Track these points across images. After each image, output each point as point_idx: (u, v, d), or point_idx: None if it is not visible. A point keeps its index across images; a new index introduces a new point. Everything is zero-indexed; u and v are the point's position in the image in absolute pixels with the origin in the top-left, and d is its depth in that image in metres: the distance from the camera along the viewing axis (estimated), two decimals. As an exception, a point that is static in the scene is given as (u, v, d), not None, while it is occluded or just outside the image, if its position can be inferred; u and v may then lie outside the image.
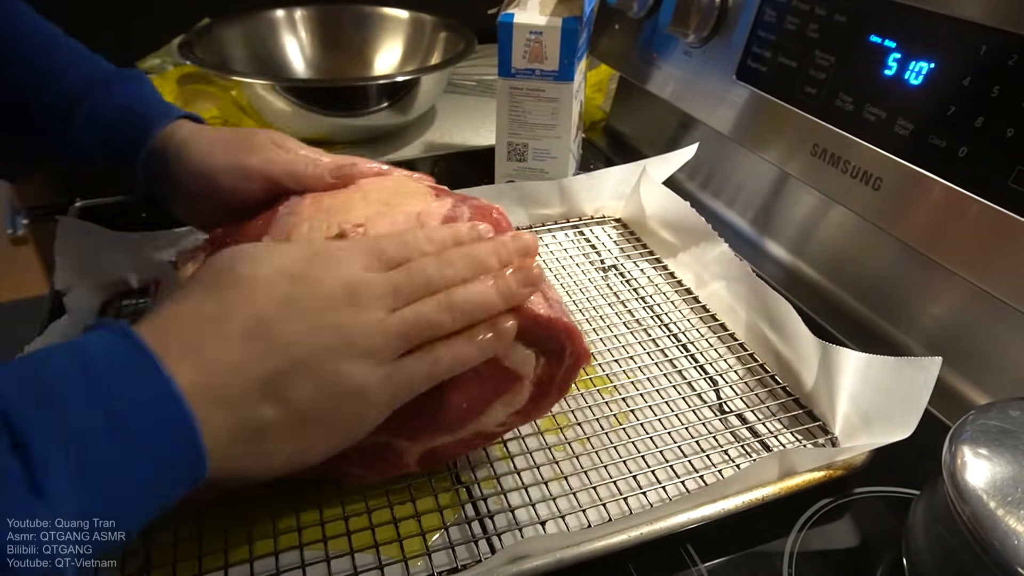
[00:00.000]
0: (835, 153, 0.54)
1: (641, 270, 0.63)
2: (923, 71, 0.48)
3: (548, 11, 0.66)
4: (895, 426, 0.41)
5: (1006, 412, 0.36)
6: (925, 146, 0.47)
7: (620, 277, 0.62)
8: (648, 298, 0.59)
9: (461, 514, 0.41)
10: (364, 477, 0.41)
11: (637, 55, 0.78)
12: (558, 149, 0.71)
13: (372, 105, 0.82)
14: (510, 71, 0.67)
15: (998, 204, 0.43)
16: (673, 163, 0.67)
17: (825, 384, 0.47)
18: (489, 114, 0.74)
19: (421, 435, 0.40)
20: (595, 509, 0.41)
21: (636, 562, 0.39)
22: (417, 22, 0.99)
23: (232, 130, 0.49)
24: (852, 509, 0.43)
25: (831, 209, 0.60)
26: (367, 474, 0.41)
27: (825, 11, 0.55)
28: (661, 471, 0.43)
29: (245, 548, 0.38)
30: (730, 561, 0.40)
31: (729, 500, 0.40)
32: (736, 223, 0.71)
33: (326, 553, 0.38)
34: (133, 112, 0.49)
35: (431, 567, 0.37)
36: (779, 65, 0.59)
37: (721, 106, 0.65)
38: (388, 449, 0.39)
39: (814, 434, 0.46)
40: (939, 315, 0.52)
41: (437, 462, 0.42)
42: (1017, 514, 0.31)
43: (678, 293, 0.60)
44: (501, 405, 0.40)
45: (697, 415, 0.48)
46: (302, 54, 1.00)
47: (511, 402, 0.41)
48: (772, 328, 0.52)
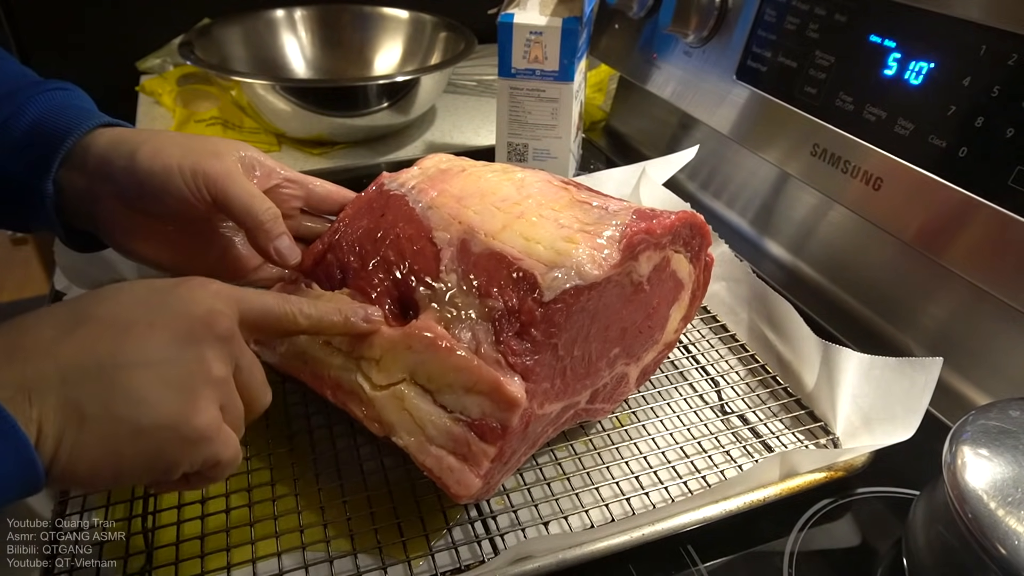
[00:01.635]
0: (835, 153, 0.54)
1: (641, 270, 0.63)
2: (923, 71, 0.48)
3: (548, 11, 0.66)
4: (896, 427, 0.41)
5: (1006, 412, 0.36)
6: (925, 146, 0.47)
7: (621, 277, 0.62)
8: (649, 298, 0.59)
9: (464, 514, 0.41)
10: (604, 412, 0.46)
11: (637, 55, 0.78)
12: (558, 149, 0.71)
13: (372, 105, 0.82)
14: (510, 71, 0.67)
15: (998, 204, 0.43)
16: (673, 165, 0.67)
17: (826, 385, 0.47)
18: (489, 114, 0.74)
19: (642, 355, 0.46)
20: (598, 509, 0.41)
21: (636, 562, 0.39)
22: (417, 22, 0.99)
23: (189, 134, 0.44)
24: (852, 509, 0.43)
25: (831, 209, 0.60)
26: (607, 408, 0.46)
27: (825, 11, 0.55)
28: (664, 471, 0.44)
29: (248, 548, 0.38)
30: (730, 561, 0.40)
31: (731, 501, 0.40)
32: (736, 223, 0.71)
33: (328, 554, 0.38)
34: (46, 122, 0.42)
35: (434, 567, 0.37)
36: (779, 65, 0.59)
37: (721, 106, 0.65)
38: (622, 377, 0.46)
39: (816, 435, 0.46)
40: (939, 315, 0.52)
41: (646, 378, 0.49)
42: (1017, 514, 0.31)
43: (679, 293, 0.60)
44: (675, 312, 0.48)
45: (699, 416, 0.48)
46: (302, 54, 1.00)
47: (680, 307, 0.48)
48: (773, 329, 0.52)
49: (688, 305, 0.49)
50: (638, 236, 0.40)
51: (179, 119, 0.86)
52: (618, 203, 0.43)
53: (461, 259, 0.40)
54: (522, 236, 0.40)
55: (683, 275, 0.46)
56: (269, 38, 0.98)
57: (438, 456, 0.36)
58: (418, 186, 0.46)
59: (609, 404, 0.46)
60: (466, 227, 0.41)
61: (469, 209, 0.43)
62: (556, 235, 0.40)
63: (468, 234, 0.41)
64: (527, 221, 0.41)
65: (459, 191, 0.44)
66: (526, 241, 0.40)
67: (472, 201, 0.43)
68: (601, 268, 0.38)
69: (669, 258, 0.44)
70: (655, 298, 0.44)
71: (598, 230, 0.40)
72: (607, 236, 0.39)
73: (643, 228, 0.40)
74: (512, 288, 0.38)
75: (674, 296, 0.47)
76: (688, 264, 0.46)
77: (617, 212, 0.42)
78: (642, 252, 0.41)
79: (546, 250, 0.39)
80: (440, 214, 0.43)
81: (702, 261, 0.48)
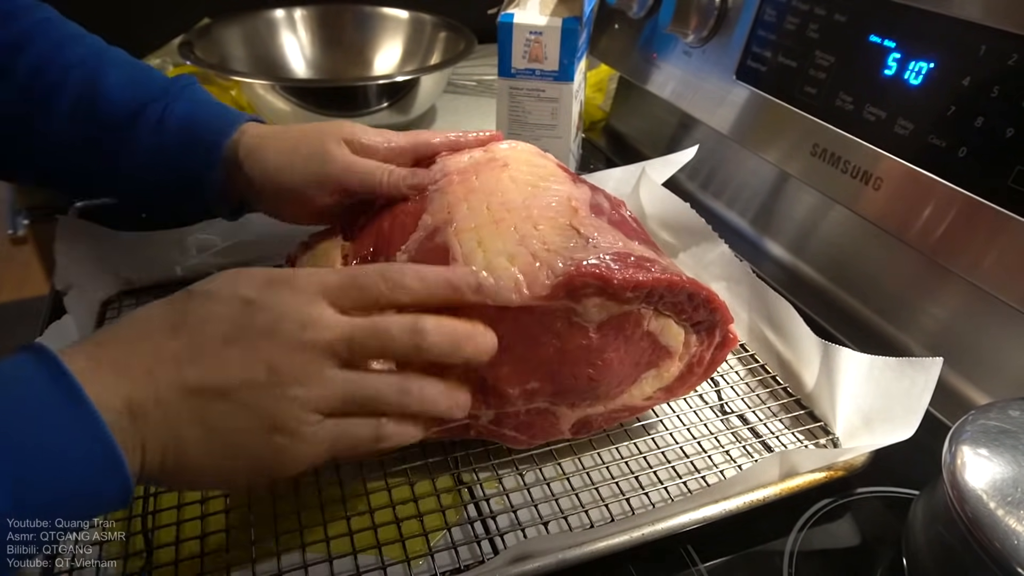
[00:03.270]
0: (835, 153, 0.54)
1: (641, 270, 0.63)
2: (923, 71, 0.48)
3: (548, 11, 0.66)
4: (896, 427, 0.41)
5: (1006, 412, 0.36)
6: (925, 146, 0.47)
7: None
8: (648, 298, 0.59)
9: (464, 514, 0.41)
10: (517, 441, 0.43)
11: (637, 55, 0.78)
12: (558, 149, 0.71)
13: (372, 105, 0.82)
14: (510, 71, 0.67)
15: (998, 204, 0.43)
16: (673, 165, 0.67)
17: (826, 385, 0.47)
18: (489, 114, 0.74)
19: (580, 404, 0.43)
20: (597, 509, 0.41)
21: (636, 562, 0.39)
22: (417, 22, 0.99)
23: (301, 132, 0.48)
24: (852, 509, 0.43)
25: (831, 209, 0.60)
26: (522, 439, 0.43)
27: (825, 11, 0.55)
28: (663, 471, 0.43)
29: (247, 548, 0.38)
30: (730, 561, 0.40)
31: (731, 500, 0.40)
32: (736, 223, 0.71)
33: (328, 553, 0.38)
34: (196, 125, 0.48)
35: (434, 567, 0.37)
36: (779, 65, 0.59)
37: (721, 106, 0.65)
38: (548, 415, 0.43)
39: (815, 435, 0.46)
40: (939, 315, 0.52)
41: (588, 429, 0.44)
42: (1017, 514, 0.31)
43: (678, 293, 0.60)
44: (650, 379, 0.44)
45: (699, 415, 0.48)
46: (302, 54, 1.00)
47: (659, 377, 0.44)
48: (773, 329, 0.52)
49: (675, 379, 0.44)
50: (582, 279, 0.37)
51: (179, 119, 0.86)
52: (616, 240, 0.40)
53: (420, 245, 0.41)
54: (477, 240, 0.40)
55: (670, 343, 0.43)
56: (269, 38, 0.98)
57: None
58: (459, 167, 0.46)
59: (525, 436, 0.43)
60: (448, 219, 0.42)
61: (466, 203, 0.43)
62: (506, 249, 0.39)
63: (444, 224, 0.41)
64: (500, 228, 0.40)
65: (477, 184, 0.44)
66: (476, 245, 0.39)
67: (476, 197, 0.43)
68: (519, 294, 0.37)
69: (641, 317, 0.41)
70: (608, 351, 0.40)
71: (553, 258, 0.38)
72: (556, 266, 0.37)
73: (592, 272, 0.37)
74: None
75: (648, 360, 0.43)
76: (683, 334, 0.43)
77: (601, 248, 0.39)
78: (586, 297, 0.38)
79: (484, 258, 0.38)
80: (442, 200, 0.43)
81: (713, 338, 0.44)
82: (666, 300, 0.41)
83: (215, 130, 0.48)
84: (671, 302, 0.41)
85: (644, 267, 0.39)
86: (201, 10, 1.00)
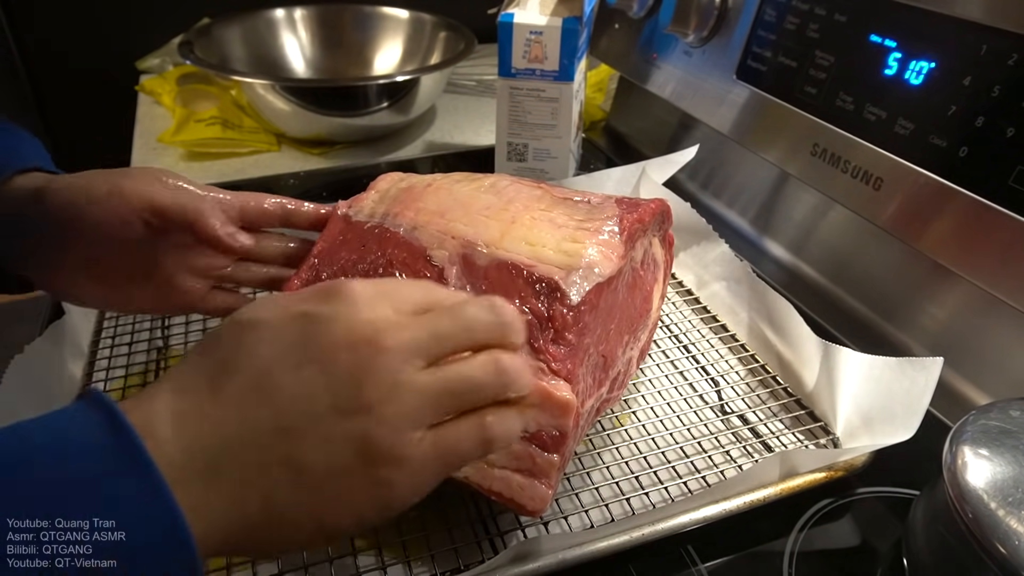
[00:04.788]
0: (835, 153, 0.54)
1: (641, 270, 0.63)
2: (923, 71, 0.48)
3: (548, 11, 0.66)
4: (896, 427, 0.41)
5: (1006, 412, 0.36)
6: (925, 146, 0.47)
7: (621, 277, 0.62)
8: (649, 298, 0.59)
9: (464, 514, 0.41)
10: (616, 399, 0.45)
11: (637, 55, 0.78)
12: (558, 149, 0.71)
13: (372, 105, 0.82)
14: (510, 71, 0.67)
15: (998, 204, 0.43)
16: (673, 164, 0.67)
17: (827, 385, 0.47)
18: (489, 114, 0.74)
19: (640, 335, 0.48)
20: (598, 509, 0.41)
21: (636, 562, 0.39)
22: (417, 22, 0.99)
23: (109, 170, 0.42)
24: (852, 509, 0.43)
25: (831, 209, 0.60)
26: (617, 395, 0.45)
27: (825, 11, 0.55)
28: (663, 471, 0.43)
29: (247, 549, 0.38)
30: (730, 561, 0.40)
31: (731, 501, 0.40)
32: (736, 223, 0.71)
33: (328, 554, 0.38)
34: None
35: (434, 567, 0.37)
36: (779, 65, 0.59)
37: (721, 106, 0.65)
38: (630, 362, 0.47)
39: (816, 435, 0.46)
40: (939, 315, 0.52)
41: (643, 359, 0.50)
42: (1017, 514, 0.31)
43: (679, 294, 0.60)
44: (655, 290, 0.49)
45: (699, 416, 0.48)
46: (302, 54, 1.00)
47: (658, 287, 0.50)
48: (773, 329, 0.52)
49: (662, 283, 0.51)
50: (635, 226, 0.42)
51: (179, 119, 0.86)
52: (597, 196, 0.44)
53: (467, 274, 0.39)
54: (525, 241, 0.40)
55: (658, 256, 0.49)
56: (269, 38, 0.98)
57: (503, 478, 0.35)
58: (388, 210, 0.44)
59: (620, 391, 0.46)
60: (462, 241, 0.40)
61: (457, 222, 0.42)
62: (558, 236, 0.40)
63: (467, 248, 0.40)
64: (523, 225, 0.41)
65: (437, 206, 0.43)
66: (531, 246, 0.39)
67: (457, 214, 0.42)
68: (612, 262, 0.39)
69: (651, 244, 0.47)
70: (647, 281, 0.47)
71: (595, 225, 0.41)
72: (607, 230, 0.40)
73: (635, 218, 0.42)
74: (534, 296, 0.37)
75: (655, 276, 0.49)
76: (659, 245, 0.49)
77: (601, 204, 0.43)
78: (638, 239, 0.43)
79: (555, 252, 0.39)
80: (428, 232, 0.42)
81: (667, 241, 0.51)
82: (657, 222, 0.46)
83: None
84: (658, 222, 0.47)
85: (639, 204, 0.43)
86: (201, 10, 1.00)
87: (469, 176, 0.47)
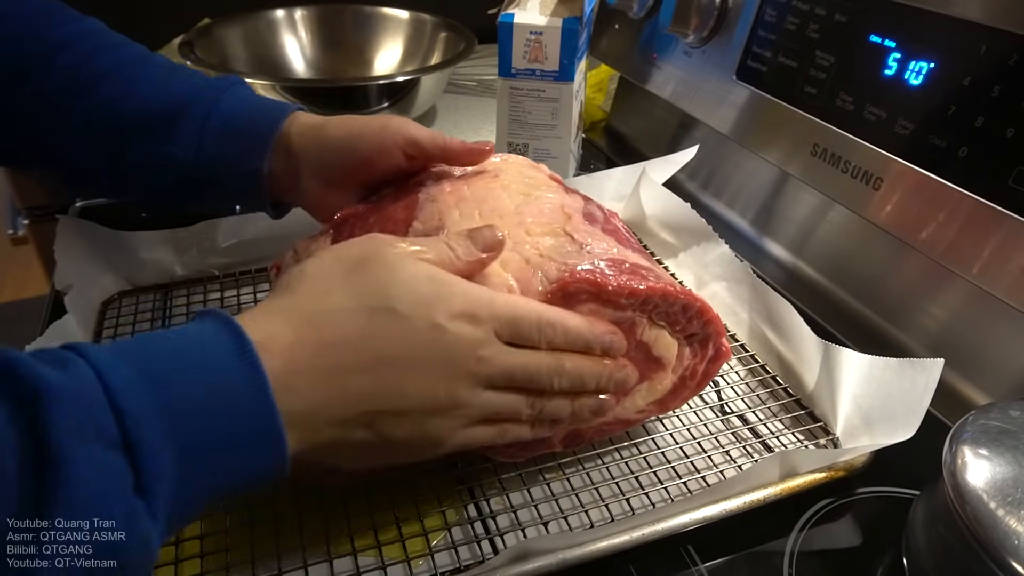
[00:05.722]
0: (835, 153, 0.54)
1: (641, 270, 0.63)
2: (923, 71, 0.48)
3: (548, 11, 0.66)
4: (897, 427, 0.41)
5: (1006, 412, 0.36)
6: (925, 146, 0.47)
7: (620, 277, 0.62)
8: (649, 298, 0.59)
9: (464, 514, 0.41)
10: (513, 456, 0.42)
11: (637, 55, 0.78)
12: (558, 149, 0.71)
13: (372, 105, 0.82)
14: (510, 71, 0.67)
15: (998, 204, 0.43)
16: (673, 164, 0.67)
17: (827, 385, 0.47)
18: (489, 114, 0.74)
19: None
20: (597, 508, 0.41)
21: (636, 562, 0.39)
22: (417, 22, 0.99)
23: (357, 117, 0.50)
24: (852, 509, 0.43)
25: (831, 209, 0.60)
26: (517, 453, 0.42)
27: (825, 11, 0.55)
28: (663, 471, 0.43)
29: (247, 548, 0.38)
30: (730, 561, 0.40)
31: (731, 501, 0.40)
32: (736, 223, 0.71)
33: (328, 553, 0.38)
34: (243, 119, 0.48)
35: (434, 567, 0.37)
36: (779, 65, 0.59)
37: (721, 106, 0.65)
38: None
39: (816, 435, 0.46)
40: (939, 315, 0.52)
41: (578, 443, 0.43)
42: (1017, 514, 0.31)
43: (679, 293, 0.60)
44: (643, 392, 0.43)
45: (699, 415, 0.48)
46: (302, 54, 1.00)
47: (652, 389, 0.43)
48: (773, 329, 0.52)
49: (668, 392, 0.43)
50: (576, 285, 0.37)
51: (179, 119, 0.86)
52: (610, 247, 0.41)
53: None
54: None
55: (663, 354, 0.42)
56: (269, 38, 0.98)
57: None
58: (452, 178, 0.47)
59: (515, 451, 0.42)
60: (439, 225, 0.42)
61: (457, 211, 0.42)
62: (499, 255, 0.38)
63: (434, 231, 0.41)
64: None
65: (468, 193, 0.44)
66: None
67: (468, 206, 0.43)
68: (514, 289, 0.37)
69: (635, 326, 0.40)
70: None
71: (547, 264, 0.38)
72: (551, 272, 0.38)
73: (587, 278, 0.37)
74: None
75: (641, 372, 0.41)
76: (676, 346, 0.42)
77: (596, 255, 0.39)
78: (580, 303, 0.37)
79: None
80: (434, 208, 0.43)
81: (707, 351, 0.43)
82: (660, 310, 0.40)
83: (264, 121, 0.48)
84: (665, 312, 0.40)
85: (639, 275, 0.39)
86: (201, 10, 1.00)
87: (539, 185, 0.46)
